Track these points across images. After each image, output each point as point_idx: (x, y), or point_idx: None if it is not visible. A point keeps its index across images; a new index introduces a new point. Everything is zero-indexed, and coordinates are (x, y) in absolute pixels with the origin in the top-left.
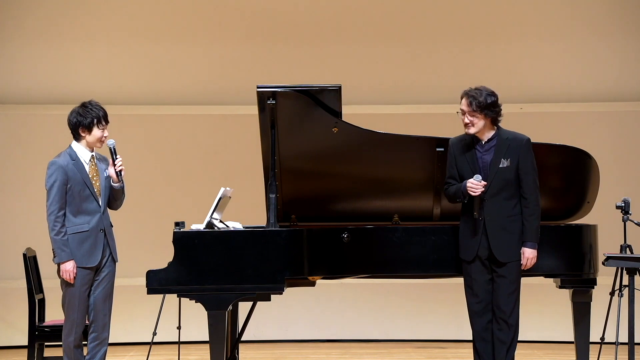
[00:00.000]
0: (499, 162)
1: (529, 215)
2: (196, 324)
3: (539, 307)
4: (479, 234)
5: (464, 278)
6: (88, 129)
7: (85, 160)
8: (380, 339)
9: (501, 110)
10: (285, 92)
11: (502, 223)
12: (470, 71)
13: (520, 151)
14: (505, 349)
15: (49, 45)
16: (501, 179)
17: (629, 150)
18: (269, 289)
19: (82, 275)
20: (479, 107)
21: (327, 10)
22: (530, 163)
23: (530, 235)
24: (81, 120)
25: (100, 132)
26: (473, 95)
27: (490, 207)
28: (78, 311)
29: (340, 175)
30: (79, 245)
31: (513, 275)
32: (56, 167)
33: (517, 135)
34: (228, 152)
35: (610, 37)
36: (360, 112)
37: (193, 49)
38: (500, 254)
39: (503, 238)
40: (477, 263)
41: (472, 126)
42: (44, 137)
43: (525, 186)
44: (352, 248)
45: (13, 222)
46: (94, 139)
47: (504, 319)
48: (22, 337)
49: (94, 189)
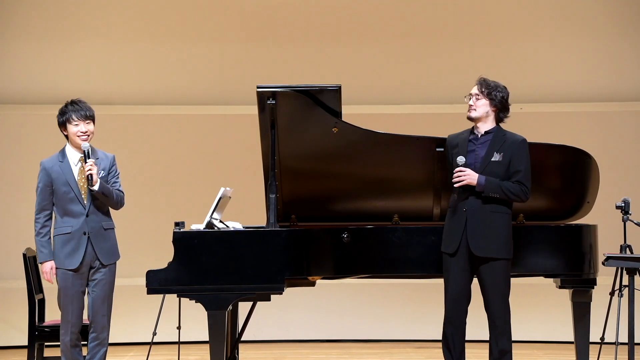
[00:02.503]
0: (491, 155)
1: (514, 185)
2: (196, 324)
3: (539, 307)
4: (462, 227)
5: (443, 273)
6: (64, 127)
7: (74, 162)
8: (380, 339)
9: (508, 108)
10: (285, 92)
11: (484, 217)
12: (470, 71)
13: (514, 149)
14: (498, 350)
15: (49, 46)
16: (491, 172)
17: (629, 150)
18: (269, 289)
19: (67, 277)
20: (487, 89)
21: (327, 10)
22: (525, 161)
23: (491, 181)
24: (59, 118)
25: (75, 128)
26: (485, 80)
27: (475, 200)
28: (71, 311)
29: (340, 175)
30: (62, 247)
31: (497, 276)
32: (41, 169)
33: (514, 135)
34: (228, 152)
35: (611, 37)
36: (360, 112)
37: (193, 49)
38: (475, 247)
39: (482, 232)
40: (459, 259)
41: (474, 110)
42: (44, 137)
43: (520, 176)
44: (352, 248)
45: (13, 222)
46: (72, 135)
47: (493, 320)
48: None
49: (80, 191)
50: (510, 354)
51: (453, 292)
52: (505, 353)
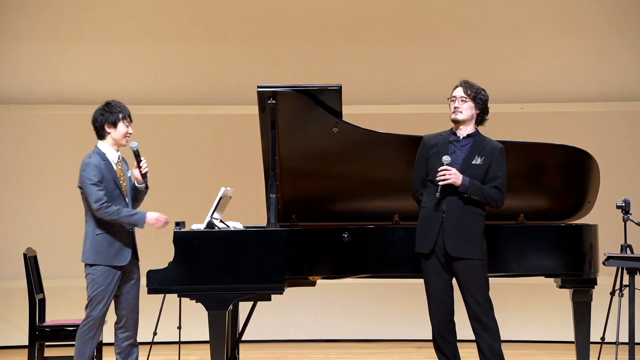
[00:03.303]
0: (472, 158)
1: (493, 190)
2: (196, 324)
3: (539, 307)
4: (437, 227)
5: (423, 276)
6: (114, 125)
7: (114, 161)
8: (380, 339)
9: (488, 112)
10: (285, 92)
11: (461, 218)
12: (470, 71)
13: (494, 155)
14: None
15: (50, 46)
16: (470, 175)
17: (629, 150)
18: (269, 289)
19: (108, 274)
20: (473, 93)
21: (327, 10)
22: (504, 168)
23: (474, 183)
24: (107, 116)
25: (125, 128)
26: (469, 82)
27: (453, 201)
28: (105, 307)
29: (341, 175)
30: (110, 245)
31: (474, 274)
32: (91, 166)
33: (492, 141)
34: (228, 152)
35: (611, 37)
36: (360, 112)
37: (193, 49)
38: (451, 247)
39: (459, 232)
40: (434, 260)
41: (460, 112)
42: (44, 137)
43: (498, 182)
44: (352, 248)
45: (13, 222)
46: (120, 135)
47: (477, 318)
48: (22, 337)
49: (122, 189)
50: (500, 349)
51: (435, 294)
52: (496, 348)
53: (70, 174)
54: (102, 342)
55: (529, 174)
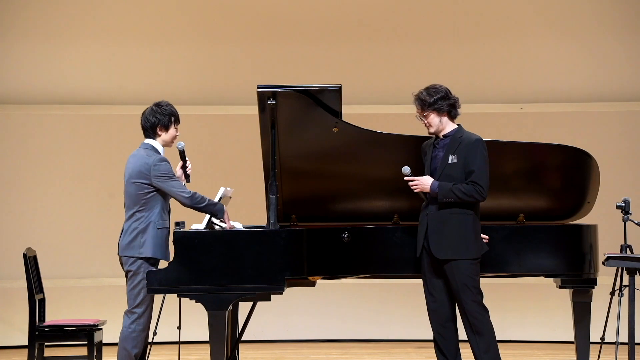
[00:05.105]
0: (447, 158)
1: (467, 185)
2: (196, 324)
3: (539, 307)
4: (424, 231)
5: (422, 276)
6: (166, 128)
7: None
8: (380, 339)
9: (455, 102)
10: (285, 92)
11: (442, 218)
12: (470, 71)
13: (469, 149)
14: (479, 350)
15: (50, 46)
16: (447, 174)
17: (629, 150)
18: (269, 289)
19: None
20: (427, 105)
21: (327, 10)
22: (478, 160)
23: (443, 186)
24: (160, 118)
25: (175, 131)
26: (418, 97)
27: (435, 202)
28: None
29: (341, 175)
30: (166, 240)
31: (462, 276)
32: (164, 162)
33: (470, 135)
34: (228, 152)
35: (611, 37)
36: (360, 112)
37: (193, 49)
38: (435, 249)
39: (441, 233)
40: (425, 262)
41: (429, 126)
42: (44, 137)
43: (473, 175)
44: (352, 248)
45: (13, 222)
46: (170, 137)
47: (469, 321)
48: (22, 337)
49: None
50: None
51: (432, 294)
52: (489, 352)
53: (70, 173)
54: (102, 342)
55: (528, 174)
